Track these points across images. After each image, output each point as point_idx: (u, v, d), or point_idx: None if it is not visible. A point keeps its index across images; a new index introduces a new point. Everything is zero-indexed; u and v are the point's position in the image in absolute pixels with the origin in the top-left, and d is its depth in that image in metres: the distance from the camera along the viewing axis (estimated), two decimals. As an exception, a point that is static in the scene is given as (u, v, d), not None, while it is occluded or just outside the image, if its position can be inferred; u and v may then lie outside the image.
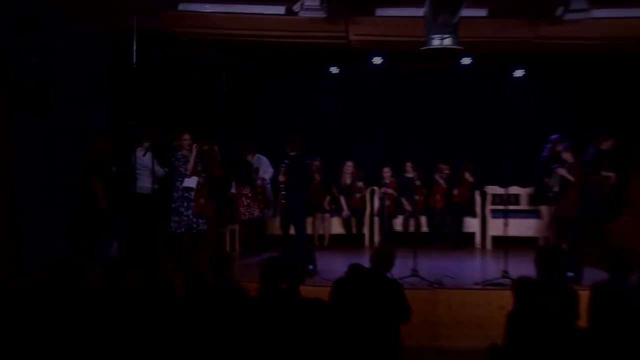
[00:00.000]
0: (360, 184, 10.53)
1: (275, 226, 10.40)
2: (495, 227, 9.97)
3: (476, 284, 7.45)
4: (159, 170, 8.38)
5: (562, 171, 9.14)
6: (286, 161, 9.81)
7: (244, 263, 8.86)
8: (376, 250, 5.81)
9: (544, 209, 9.92)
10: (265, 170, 10.09)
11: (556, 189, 9.16)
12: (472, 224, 10.38)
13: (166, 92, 10.53)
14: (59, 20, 6.82)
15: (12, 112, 7.13)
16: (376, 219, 10.47)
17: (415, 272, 7.69)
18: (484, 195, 10.47)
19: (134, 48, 7.33)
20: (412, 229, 10.26)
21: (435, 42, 6.76)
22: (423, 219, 10.34)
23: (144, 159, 8.28)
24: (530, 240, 9.97)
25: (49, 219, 7.90)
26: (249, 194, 9.34)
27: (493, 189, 10.49)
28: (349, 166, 10.54)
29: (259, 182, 9.89)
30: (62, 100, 8.14)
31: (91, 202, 8.23)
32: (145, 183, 8.28)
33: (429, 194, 10.40)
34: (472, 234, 10.37)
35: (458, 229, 10.27)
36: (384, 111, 11.62)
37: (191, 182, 8.23)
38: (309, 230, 10.23)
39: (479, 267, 9.09)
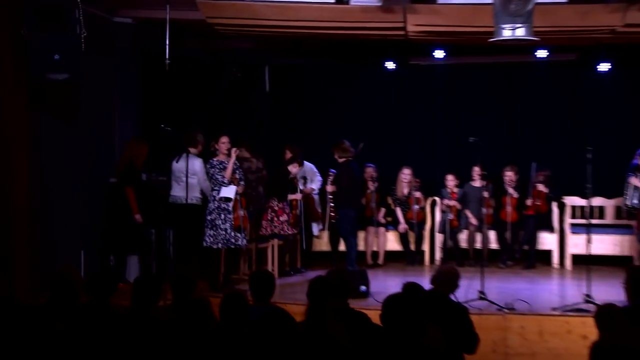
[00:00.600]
0: (419, 194, 10.46)
1: (323, 242, 10.39)
2: (576, 244, 9.83)
3: (554, 309, 7.33)
4: (203, 183, 8.48)
5: (635, 181, 9.04)
6: (333, 170, 9.80)
7: (282, 283, 8.85)
8: (438, 269, 5.77)
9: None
10: (313, 179, 10.10)
11: (635, 201, 9.06)
12: (548, 240, 10.23)
13: (202, 90, 10.66)
14: (84, 11, 6.94)
15: (33, 113, 7.29)
16: (437, 234, 10.39)
17: (482, 295, 7.59)
18: (562, 208, 10.31)
19: (167, 42, 7.43)
20: (478, 245, 10.15)
21: (506, 33, 6.69)
22: (491, 234, 10.22)
23: (180, 166, 8.40)
24: (618, 259, 9.77)
25: (72, 230, 8.05)
26: (276, 207, 9.34)
27: (573, 200, 10.34)
28: (406, 174, 10.49)
29: (310, 192, 9.91)
30: (87, 100, 8.31)
31: (123, 213, 8.37)
32: (180, 192, 8.42)
33: (498, 205, 10.28)
34: (549, 252, 10.22)
35: (532, 246, 10.12)
36: (446, 112, 11.55)
37: (229, 191, 8.28)
38: (361, 247, 10.20)
39: (557, 290, 8.97)
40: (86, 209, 8.36)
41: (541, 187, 10.12)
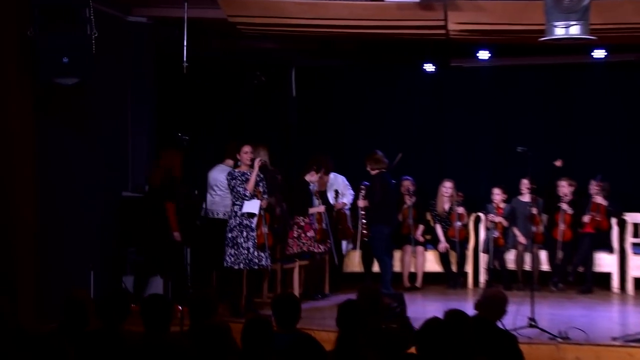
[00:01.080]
0: (461, 209, 10.41)
1: (355, 262, 10.37)
2: (638, 266, 9.77)
3: (614, 339, 7.24)
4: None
5: None
6: (366, 183, 9.78)
7: (308, 307, 8.85)
8: (483, 293, 5.75)
9: None
10: (344, 192, 10.08)
11: None
12: (607, 262, 10.12)
13: (222, 95, 10.72)
14: (95, 9, 7.02)
15: (39, 121, 7.37)
16: (482, 254, 10.34)
17: (533, 322, 7.53)
18: (622, 225, 10.20)
19: (185, 42, 7.49)
20: (528, 266, 10.07)
21: (559, 31, 6.66)
22: (542, 254, 10.14)
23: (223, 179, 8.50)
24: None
25: (81, 249, 8.10)
26: (302, 223, 9.34)
27: (635, 217, 10.23)
28: (447, 187, 10.45)
29: (342, 207, 9.91)
30: (98, 106, 8.39)
31: (159, 230, 8.46)
32: (220, 207, 8.57)
33: (550, 222, 10.20)
34: (608, 275, 10.11)
35: (588, 268, 10.02)
36: (492, 118, 11.53)
37: (252, 206, 8.30)
38: (397, 267, 10.18)
39: (618, 317, 8.90)
40: (96, 225, 8.42)
41: (600, 200, 10.01)
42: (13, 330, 4.68)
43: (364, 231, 9.94)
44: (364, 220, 9.95)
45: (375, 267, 9.96)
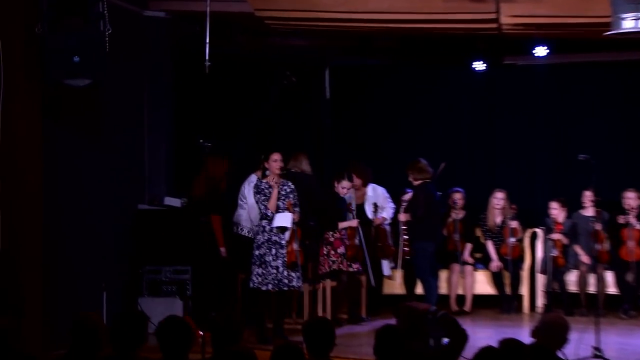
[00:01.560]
0: (515, 223, 10.34)
1: (397, 283, 10.33)
2: None
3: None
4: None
5: None
6: (408, 190, 9.75)
7: (343, 333, 8.85)
8: (541, 319, 5.69)
9: None
10: (383, 205, 10.05)
11: None
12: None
13: (248, 97, 10.75)
14: (109, 4, 7.08)
15: (48, 126, 7.43)
16: (539, 275, 10.25)
17: (598, 352, 7.45)
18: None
19: (207, 39, 7.52)
20: (592, 289, 9.97)
21: (627, 24, 6.59)
22: (608, 276, 10.03)
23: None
24: None
25: (92, 268, 8.15)
26: (332, 238, 9.31)
27: None
28: (499, 198, 10.38)
29: (382, 222, 9.89)
30: (112, 110, 8.46)
31: (202, 246, 8.54)
32: (245, 222, 8.70)
33: (616, 239, 10.09)
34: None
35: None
36: (550, 122, 11.47)
37: (285, 219, 8.27)
38: (443, 289, 10.14)
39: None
40: (110, 241, 8.49)
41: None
42: (16, 356, 4.71)
43: (406, 248, 9.91)
44: (405, 237, 9.92)
45: (419, 289, 9.91)
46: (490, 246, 10.42)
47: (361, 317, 9.58)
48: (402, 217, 9.85)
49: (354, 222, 9.46)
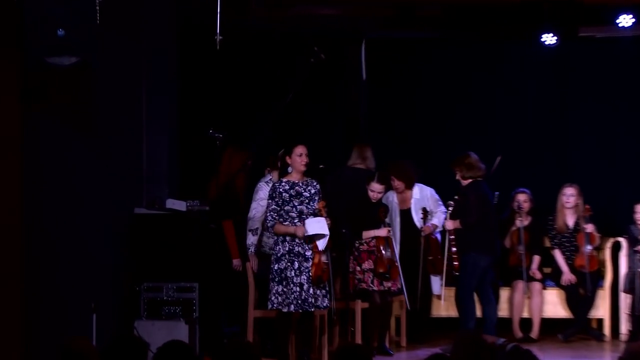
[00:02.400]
0: (590, 227, 10.26)
1: (449, 304, 10.26)
2: None
3: None
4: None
5: None
6: (456, 197, 9.73)
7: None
8: (627, 348, 5.68)
9: None
10: (434, 210, 10.00)
11: None
12: None
13: (267, 78, 10.76)
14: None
15: (28, 113, 7.45)
16: (623, 294, 10.20)
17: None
18: None
19: (218, 9, 7.54)
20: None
21: None
22: None
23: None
24: None
25: (81, 284, 8.15)
26: (360, 252, 9.34)
27: None
28: (569, 195, 10.29)
29: (433, 231, 9.88)
30: (104, 94, 8.45)
31: (215, 258, 8.65)
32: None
33: None
34: None
35: None
36: (635, 106, 11.41)
37: (319, 225, 8.25)
38: (503, 311, 10.14)
39: None
40: (102, 253, 8.47)
41: None
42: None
43: (455, 263, 9.82)
44: (454, 249, 9.81)
45: (478, 310, 9.83)
46: (559, 255, 10.34)
47: (385, 349, 9.52)
48: (450, 224, 9.76)
49: (382, 231, 9.43)
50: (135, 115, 9.25)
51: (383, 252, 9.37)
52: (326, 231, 8.23)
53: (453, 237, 9.79)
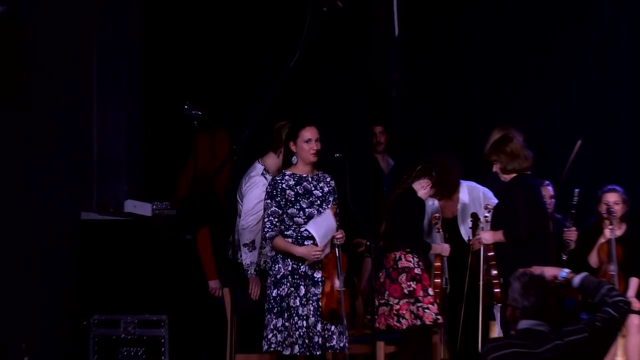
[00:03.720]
0: None
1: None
2: None
3: None
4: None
5: None
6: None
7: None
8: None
9: None
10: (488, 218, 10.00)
11: None
12: None
13: (265, 36, 10.77)
14: None
15: None
16: None
17: None
18: None
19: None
20: None
21: None
22: None
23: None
24: None
25: (12, 317, 8.20)
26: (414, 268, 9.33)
27: None
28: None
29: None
30: (40, 54, 8.48)
31: (190, 281, 8.69)
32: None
33: None
34: None
35: None
36: None
37: (325, 224, 8.22)
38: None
39: None
40: (35, 274, 8.52)
41: None
42: None
43: (497, 290, 9.68)
44: (494, 272, 9.66)
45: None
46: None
47: None
48: (487, 236, 9.58)
49: (446, 248, 9.51)
50: (82, 85, 9.23)
51: (442, 276, 9.57)
52: (332, 223, 8.19)
53: (492, 253, 9.62)
